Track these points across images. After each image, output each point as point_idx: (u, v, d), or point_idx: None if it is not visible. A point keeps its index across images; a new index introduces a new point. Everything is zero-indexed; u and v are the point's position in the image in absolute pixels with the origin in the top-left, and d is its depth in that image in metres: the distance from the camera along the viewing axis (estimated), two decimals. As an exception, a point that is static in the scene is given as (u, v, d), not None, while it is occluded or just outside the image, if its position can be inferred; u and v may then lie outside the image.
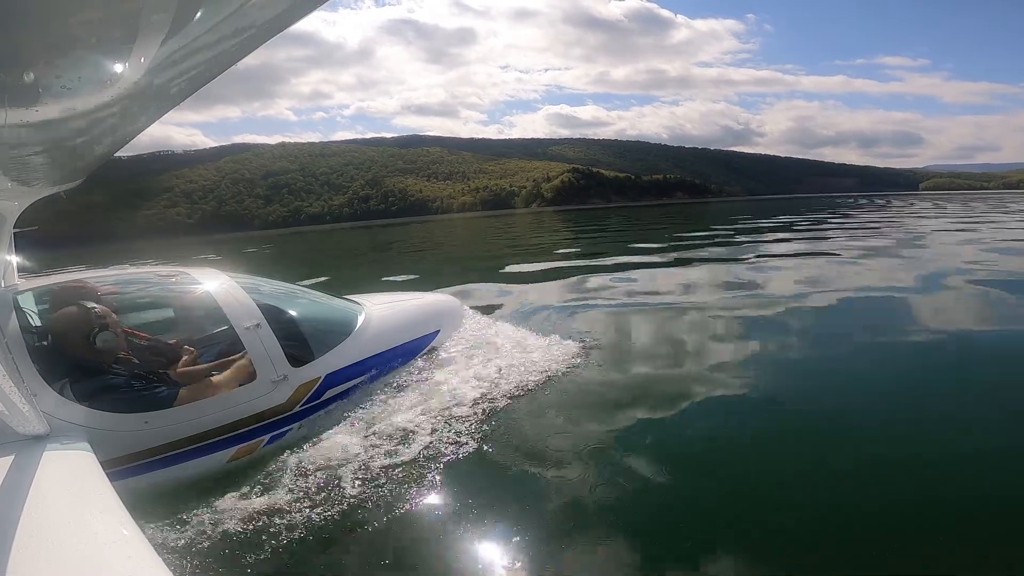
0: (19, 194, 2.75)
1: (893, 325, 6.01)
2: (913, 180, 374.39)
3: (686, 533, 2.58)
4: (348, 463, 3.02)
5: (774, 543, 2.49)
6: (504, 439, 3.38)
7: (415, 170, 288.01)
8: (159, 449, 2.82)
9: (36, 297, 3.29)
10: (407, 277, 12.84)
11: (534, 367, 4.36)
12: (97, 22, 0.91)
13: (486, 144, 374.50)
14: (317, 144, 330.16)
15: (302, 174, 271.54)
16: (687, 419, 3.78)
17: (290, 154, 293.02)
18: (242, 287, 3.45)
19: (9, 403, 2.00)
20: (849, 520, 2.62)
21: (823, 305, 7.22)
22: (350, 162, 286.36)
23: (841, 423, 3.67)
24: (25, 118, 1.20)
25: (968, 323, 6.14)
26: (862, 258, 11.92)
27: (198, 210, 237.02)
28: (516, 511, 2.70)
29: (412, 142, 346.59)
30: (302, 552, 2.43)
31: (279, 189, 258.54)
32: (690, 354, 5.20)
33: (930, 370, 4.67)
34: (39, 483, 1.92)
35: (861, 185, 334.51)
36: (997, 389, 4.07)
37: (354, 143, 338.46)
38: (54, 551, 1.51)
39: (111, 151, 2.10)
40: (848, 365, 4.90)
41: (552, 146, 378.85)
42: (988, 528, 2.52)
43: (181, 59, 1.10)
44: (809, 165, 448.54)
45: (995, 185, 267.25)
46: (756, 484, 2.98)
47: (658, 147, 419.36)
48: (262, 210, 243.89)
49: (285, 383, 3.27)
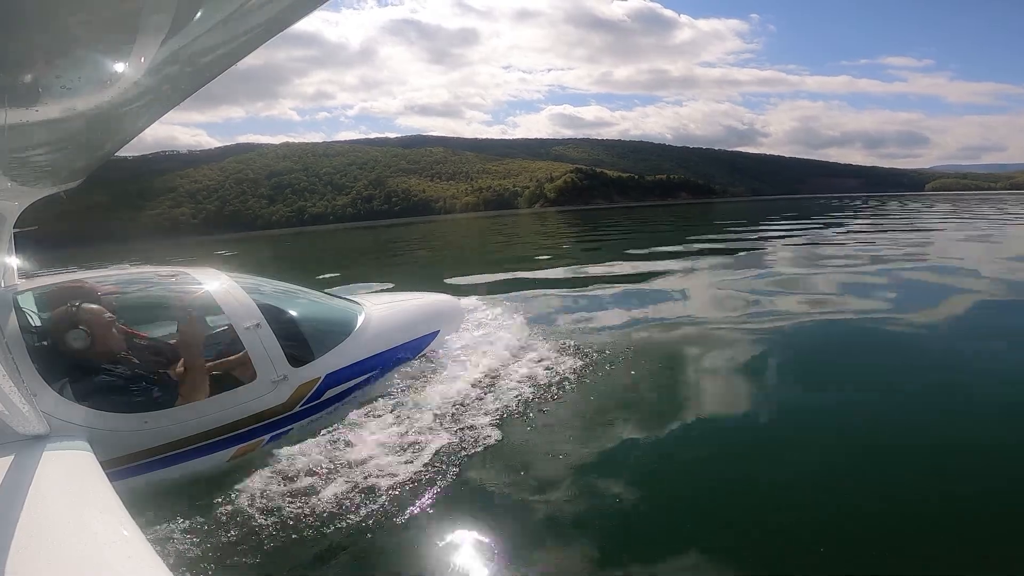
0: (19, 194, 2.76)
1: (894, 326, 6.01)
2: (919, 181, 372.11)
3: (686, 534, 2.58)
4: (348, 463, 3.02)
5: (773, 544, 2.49)
6: (504, 440, 3.37)
7: (418, 170, 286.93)
8: (159, 449, 2.82)
9: (36, 297, 3.29)
10: (408, 276, 12.84)
11: (534, 368, 4.36)
12: (97, 22, 0.91)
13: (489, 144, 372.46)
14: (320, 144, 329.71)
15: (305, 174, 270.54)
16: (687, 422, 3.78)
17: (294, 154, 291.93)
18: (242, 287, 3.45)
19: (9, 403, 2.00)
20: (848, 521, 2.62)
21: (823, 309, 7.21)
22: (353, 162, 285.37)
23: (841, 423, 3.67)
24: (25, 118, 1.21)
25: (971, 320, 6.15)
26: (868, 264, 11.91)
27: (202, 210, 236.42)
28: (516, 513, 2.70)
29: (416, 142, 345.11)
30: (301, 552, 2.43)
31: (282, 189, 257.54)
32: (691, 356, 5.20)
33: (930, 368, 4.68)
34: (39, 483, 1.92)
35: (866, 186, 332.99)
36: (1001, 385, 4.07)
37: (357, 143, 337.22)
38: (54, 551, 1.51)
39: (111, 151, 2.11)
40: (848, 365, 4.90)
41: (555, 146, 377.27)
42: (988, 528, 2.52)
43: (181, 59, 1.10)
44: (813, 165, 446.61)
45: (1002, 186, 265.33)
46: (755, 486, 2.97)
47: (662, 147, 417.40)
48: (265, 210, 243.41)
49: (285, 383, 3.27)
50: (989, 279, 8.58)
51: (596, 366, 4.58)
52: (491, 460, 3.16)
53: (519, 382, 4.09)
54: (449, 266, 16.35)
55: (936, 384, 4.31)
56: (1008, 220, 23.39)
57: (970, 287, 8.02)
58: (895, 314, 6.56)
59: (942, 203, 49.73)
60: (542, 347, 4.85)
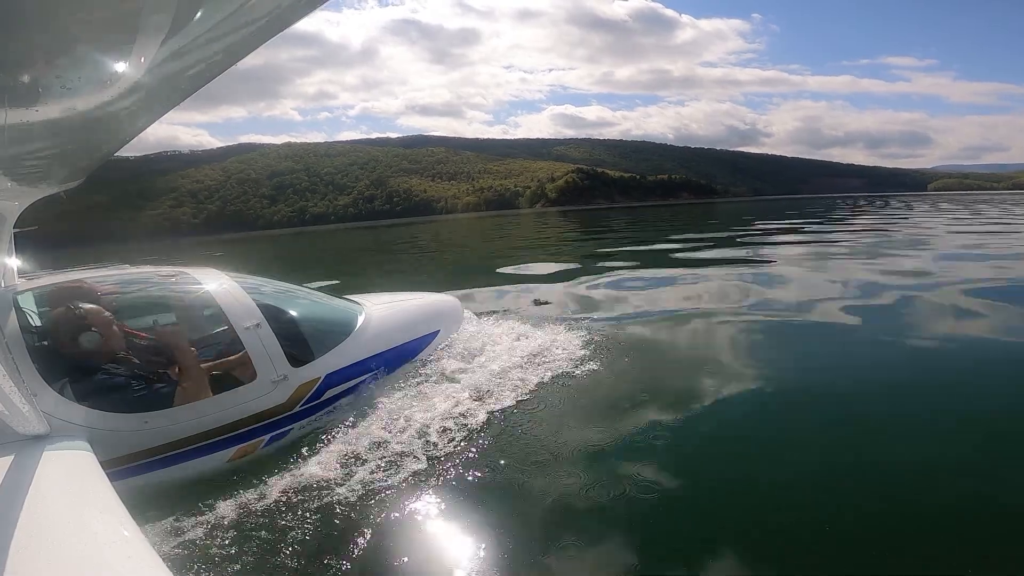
0: (19, 194, 2.75)
1: (896, 326, 6.01)
2: (921, 181, 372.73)
3: (686, 534, 2.57)
4: (348, 463, 3.02)
5: (774, 544, 2.49)
6: (504, 440, 3.37)
7: (419, 170, 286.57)
8: (159, 449, 2.82)
9: (36, 297, 3.29)
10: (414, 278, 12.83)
11: (534, 369, 4.36)
12: (97, 22, 0.91)
13: (491, 144, 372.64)
14: (322, 144, 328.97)
15: (307, 174, 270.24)
16: (687, 422, 3.77)
17: (295, 154, 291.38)
18: (242, 287, 3.45)
19: (9, 403, 2.00)
20: (849, 521, 2.62)
21: (825, 309, 7.21)
22: (355, 162, 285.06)
23: (846, 423, 3.67)
24: (25, 118, 1.21)
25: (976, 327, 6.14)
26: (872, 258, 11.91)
27: (203, 210, 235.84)
28: (517, 512, 2.70)
29: (417, 142, 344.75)
30: (301, 552, 2.43)
31: (284, 189, 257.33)
32: (692, 357, 5.20)
33: (933, 370, 4.67)
34: (39, 483, 1.92)
35: (868, 186, 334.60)
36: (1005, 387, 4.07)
37: (359, 143, 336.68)
38: (54, 551, 1.51)
39: (111, 151, 2.10)
40: (851, 366, 4.89)
41: (557, 146, 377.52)
42: (988, 528, 2.51)
43: (181, 59, 1.10)
44: (815, 165, 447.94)
45: (1004, 186, 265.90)
46: (756, 485, 2.97)
47: (663, 147, 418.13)
48: (267, 210, 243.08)
49: (285, 383, 3.27)
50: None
51: (597, 365, 4.58)
52: (491, 460, 3.16)
53: (519, 383, 4.09)
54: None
55: (939, 382, 4.31)
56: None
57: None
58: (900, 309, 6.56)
59: (948, 203, 49.40)
60: (543, 347, 4.84)
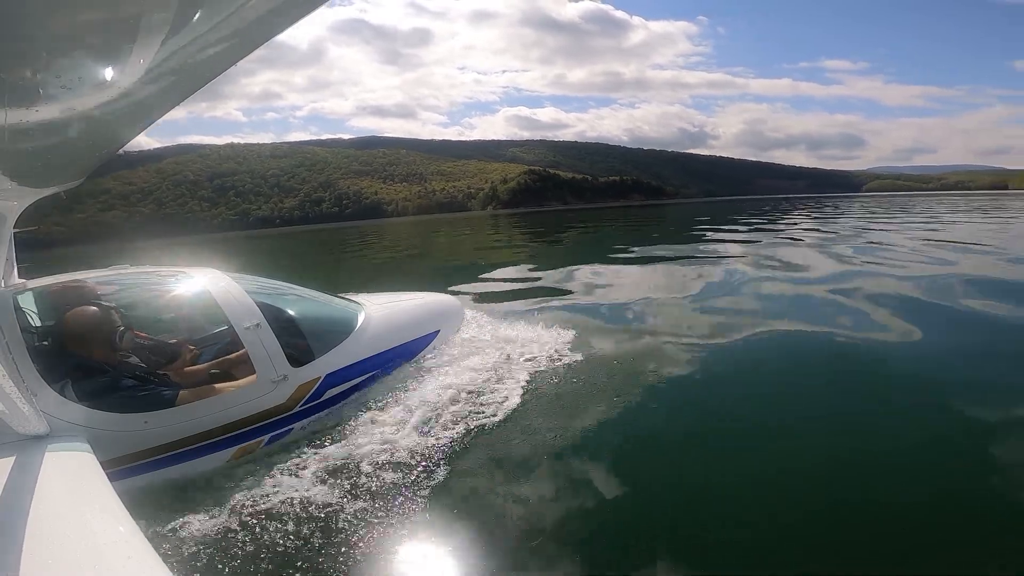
0: (19, 194, 2.75)
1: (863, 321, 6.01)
2: (857, 182, 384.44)
3: (683, 536, 2.58)
4: (348, 464, 3.02)
5: (741, 545, 2.50)
6: (504, 439, 3.37)
7: (371, 172, 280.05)
8: (159, 449, 2.82)
9: (36, 297, 3.29)
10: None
11: (534, 369, 4.36)
12: (97, 22, 0.90)
13: (445, 146, 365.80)
14: (267, 145, 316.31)
15: (251, 176, 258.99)
16: (686, 423, 3.78)
17: (238, 155, 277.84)
18: (242, 287, 3.45)
19: (9, 403, 2.00)
20: (847, 520, 2.62)
21: (799, 303, 7.21)
22: (302, 163, 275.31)
23: (816, 422, 3.67)
24: (25, 118, 1.20)
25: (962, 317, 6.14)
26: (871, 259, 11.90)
27: (136, 213, 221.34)
28: (517, 512, 2.71)
29: (370, 143, 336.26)
30: (302, 552, 2.43)
31: (226, 191, 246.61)
32: (692, 357, 5.19)
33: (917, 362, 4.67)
34: (39, 483, 1.92)
35: (811, 187, 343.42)
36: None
37: (307, 144, 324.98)
38: (54, 551, 1.51)
39: (111, 151, 2.10)
40: (822, 363, 4.87)
41: (511, 148, 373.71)
42: (988, 528, 2.52)
43: (182, 59, 1.10)
44: (761, 167, 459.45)
45: (933, 187, 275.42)
46: (724, 486, 2.96)
47: (617, 149, 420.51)
48: (206, 213, 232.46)
49: (285, 383, 3.27)
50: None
51: (598, 366, 4.58)
52: (492, 460, 3.16)
53: (519, 383, 4.08)
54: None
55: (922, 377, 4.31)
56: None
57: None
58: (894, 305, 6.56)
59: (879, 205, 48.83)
60: (543, 347, 4.84)
